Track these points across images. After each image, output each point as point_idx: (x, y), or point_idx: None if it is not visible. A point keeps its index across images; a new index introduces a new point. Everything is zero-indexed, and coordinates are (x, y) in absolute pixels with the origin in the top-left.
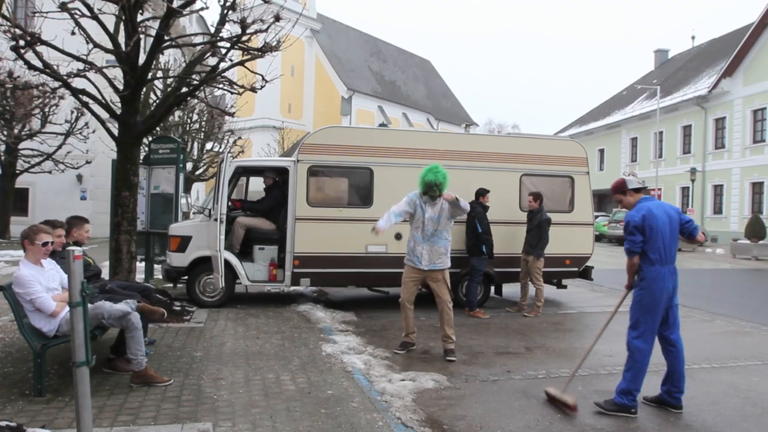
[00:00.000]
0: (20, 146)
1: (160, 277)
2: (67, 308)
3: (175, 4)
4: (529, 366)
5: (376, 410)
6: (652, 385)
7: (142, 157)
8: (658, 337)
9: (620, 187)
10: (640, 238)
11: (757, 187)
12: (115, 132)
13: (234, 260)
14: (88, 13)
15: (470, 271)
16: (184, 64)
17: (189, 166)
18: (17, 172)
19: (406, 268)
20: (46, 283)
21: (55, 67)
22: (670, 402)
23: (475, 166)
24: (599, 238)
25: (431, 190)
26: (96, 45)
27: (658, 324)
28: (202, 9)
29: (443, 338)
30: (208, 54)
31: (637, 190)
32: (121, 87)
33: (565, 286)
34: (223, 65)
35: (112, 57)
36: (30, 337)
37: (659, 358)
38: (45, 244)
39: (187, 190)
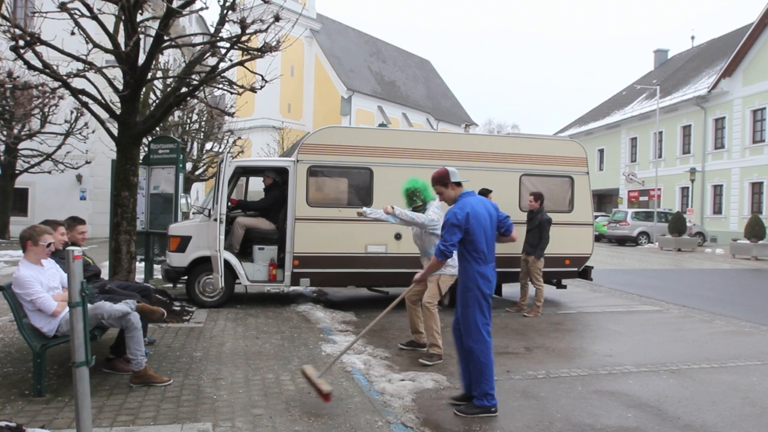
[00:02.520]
0: (20, 146)
1: (160, 277)
2: (67, 308)
3: (174, 4)
4: (528, 366)
5: (375, 410)
6: (651, 385)
7: (141, 157)
8: (457, 332)
9: (442, 178)
10: (459, 237)
11: (756, 187)
12: (115, 132)
13: (234, 260)
14: (87, 13)
15: None
16: (183, 64)
17: (188, 166)
18: (17, 172)
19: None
20: (46, 283)
21: (55, 67)
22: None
23: (475, 167)
24: (599, 238)
25: (411, 201)
26: (96, 45)
27: (486, 320)
28: (201, 9)
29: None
30: (208, 54)
31: (458, 184)
32: (120, 87)
33: (564, 286)
34: (222, 65)
35: (111, 57)
36: (29, 337)
37: (662, 357)
38: (48, 244)
39: (187, 190)
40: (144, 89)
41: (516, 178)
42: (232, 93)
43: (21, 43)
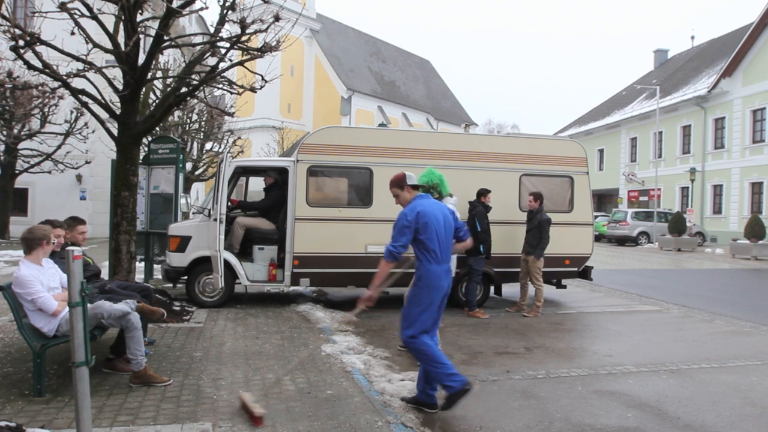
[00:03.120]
0: (20, 146)
1: (160, 277)
2: (67, 308)
3: (174, 4)
4: (528, 366)
5: (375, 410)
6: (651, 385)
7: (141, 157)
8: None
9: (399, 182)
10: (409, 238)
11: (756, 187)
12: (115, 132)
13: (234, 260)
14: (87, 13)
15: (469, 271)
16: (183, 64)
17: (188, 166)
18: (17, 172)
19: None
20: (46, 283)
21: (55, 67)
22: (425, 401)
23: (475, 166)
24: (599, 238)
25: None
26: (95, 45)
27: (433, 320)
28: (201, 9)
29: None
30: (208, 54)
31: (414, 187)
32: (120, 87)
33: (564, 286)
34: (222, 65)
35: (111, 57)
36: (29, 337)
37: (662, 357)
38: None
39: (187, 190)
40: (144, 89)
41: (516, 178)
42: (232, 93)
43: (21, 43)
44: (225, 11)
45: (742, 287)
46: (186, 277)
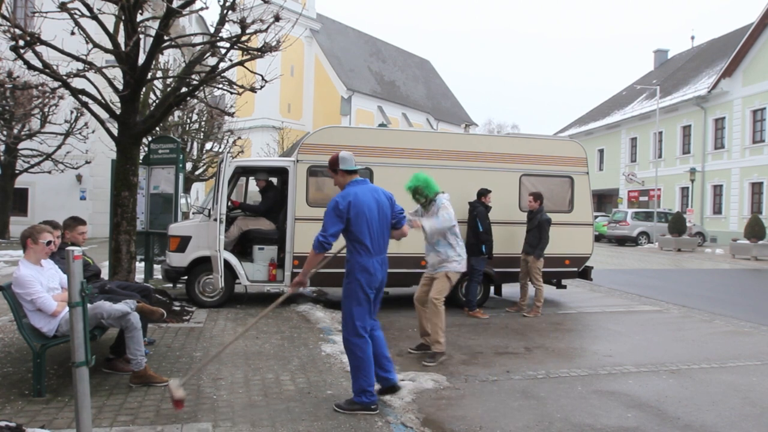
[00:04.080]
0: (20, 146)
1: (160, 277)
2: (67, 308)
3: (174, 4)
4: (528, 366)
5: None
6: (651, 385)
7: (141, 157)
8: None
9: (332, 164)
10: (340, 227)
11: (756, 187)
12: (115, 132)
13: (234, 260)
14: (87, 13)
15: (469, 271)
16: (183, 64)
17: (188, 166)
18: (17, 172)
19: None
20: (46, 284)
21: (55, 67)
22: (384, 385)
23: (475, 167)
24: (599, 238)
25: (415, 198)
26: (96, 45)
27: (367, 316)
28: (201, 9)
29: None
30: (208, 54)
31: (349, 172)
32: (120, 87)
33: (564, 286)
34: (222, 65)
35: (111, 57)
36: (29, 337)
37: (662, 357)
38: (48, 243)
39: (187, 190)
40: (144, 89)
41: (516, 178)
42: (232, 93)
43: (21, 43)
44: (225, 11)
45: (742, 287)
46: (186, 277)
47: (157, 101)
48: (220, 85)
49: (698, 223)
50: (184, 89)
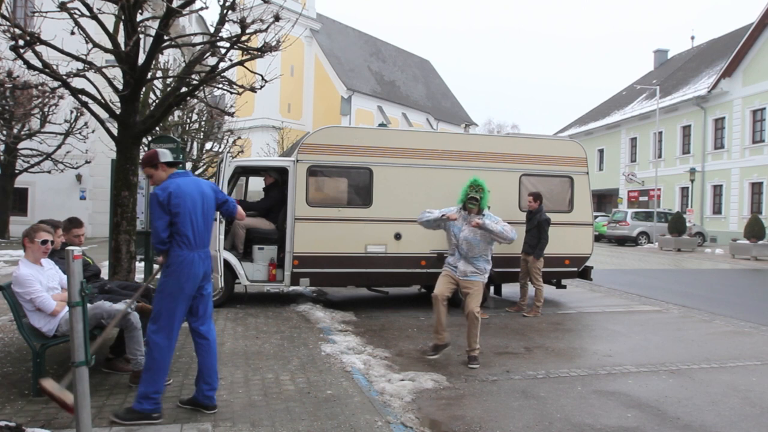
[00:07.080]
0: (19, 146)
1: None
2: (67, 308)
3: (174, 4)
4: (528, 366)
5: (375, 410)
6: (651, 385)
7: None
8: (189, 329)
9: (151, 160)
10: (166, 220)
11: (756, 187)
12: (115, 132)
13: (233, 260)
14: (87, 13)
15: None
16: (183, 64)
17: (188, 166)
18: (16, 171)
19: (443, 272)
20: (46, 283)
21: (55, 67)
22: (203, 402)
23: (475, 167)
24: (599, 238)
25: (469, 201)
26: (95, 45)
27: (182, 316)
28: (201, 9)
29: (466, 347)
30: (208, 54)
31: (170, 164)
32: (120, 87)
33: (564, 286)
34: (222, 65)
35: (111, 57)
36: (29, 336)
37: (661, 357)
38: (44, 242)
39: None
40: (144, 89)
41: (516, 178)
42: (232, 93)
43: (21, 42)
44: (225, 11)
45: (742, 287)
46: None
47: (156, 101)
48: (220, 85)
49: (698, 223)
50: (184, 89)
